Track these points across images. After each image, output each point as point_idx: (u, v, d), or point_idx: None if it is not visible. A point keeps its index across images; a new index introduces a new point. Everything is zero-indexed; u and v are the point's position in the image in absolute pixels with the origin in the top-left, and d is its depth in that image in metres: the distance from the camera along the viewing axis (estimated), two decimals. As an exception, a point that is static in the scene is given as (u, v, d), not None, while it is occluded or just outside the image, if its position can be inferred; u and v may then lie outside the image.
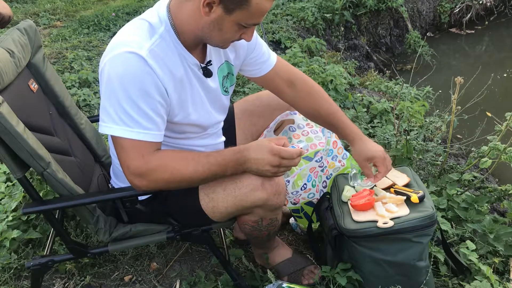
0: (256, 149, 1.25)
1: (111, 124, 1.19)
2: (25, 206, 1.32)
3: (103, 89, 1.19)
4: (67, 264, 1.78)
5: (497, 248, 1.71)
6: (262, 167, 1.25)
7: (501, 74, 4.83)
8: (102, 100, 1.20)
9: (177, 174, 1.23)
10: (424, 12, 6.08)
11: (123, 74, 1.16)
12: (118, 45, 1.19)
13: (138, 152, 1.20)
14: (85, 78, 3.48)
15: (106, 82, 1.18)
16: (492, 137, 1.98)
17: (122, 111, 1.17)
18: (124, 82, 1.16)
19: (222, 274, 1.71)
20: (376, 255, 1.41)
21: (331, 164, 1.73)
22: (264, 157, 1.24)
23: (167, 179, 1.23)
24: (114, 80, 1.16)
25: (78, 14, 5.32)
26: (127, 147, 1.20)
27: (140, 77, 1.17)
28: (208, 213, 1.37)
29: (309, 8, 4.92)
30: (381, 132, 2.49)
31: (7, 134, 1.18)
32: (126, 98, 1.16)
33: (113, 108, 1.18)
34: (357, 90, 3.52)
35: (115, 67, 1.16)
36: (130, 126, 1.19)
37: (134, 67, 1.16)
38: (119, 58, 1.16)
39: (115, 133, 1.19)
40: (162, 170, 1.22)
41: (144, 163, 1.21)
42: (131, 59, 1.16)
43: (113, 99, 1.17)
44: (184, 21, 1.23)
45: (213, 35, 1.23)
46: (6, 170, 2.21)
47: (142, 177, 1.22)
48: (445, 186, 2.00)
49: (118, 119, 1.18)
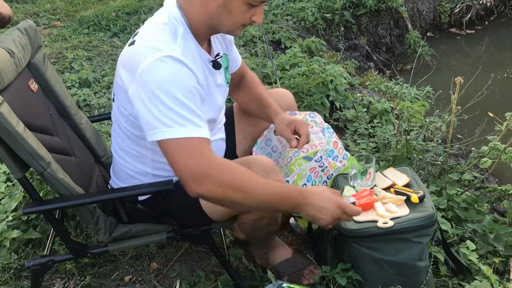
0: (321, 197, 1.23)
1: (163, 129, 1.14)
2: (25, 206, 1.32)
3: (145, 97, 1.14)
4: (67, 264, 1.78)
5: (497, 248, 1.71)
6: (322, 215, 1.23)
7: (501, 74, 4.83)
8: (146, 109, 1.15)
9: (237, 181, 1.15)
10: (424, 12, 6.08)
11: (166, 78, 1.14)
12: (149, 52, 1.16)
13: (197, 150, 1.14)
14: (85, 78, 3.48)
15: (148, 90, 1.14)
16: (492, 137, 1.98)
17: (173, 113, 1.13)
18: (168, 85, 1.13)
19: (222, 274, 1.70)
20: (376, 255, 1.41)
21: (332, 164, 1.73)
22: (329, 207, 1.22)
23: (227, 182, 1.14)
24: (157, 86, 1.13)
25: (78, 14, 5.32)
26: (185, 147, 1.14)
27: (183, 78, 1.16)
28: (208, 212, 1.37)
29: (309, 8, 4.91)
30: (381, 132, 2.49)
31: (7, 134, 1.18)
32: (174, 100, 1.13)
33: (162, 113, 1.13)
34: (357, 90, 3.51)
35: (155, 74, 1.14)
36: (183, 126, 1.14)
37: (174, 69, 1.15)
38: (157, 64, 1.14)
39: (170, 136, 1.13)
40: (223, 172, 1.15)
41: (206, 161, 1.14)
42: (170, 63, 1.15)
43: (160, 105, 1.13)
44: (195, 13, 1.23)
45: (223, 20, 1.22)
46: (6, 170, 2.21)
47: (204, 178, 1.13)
48: (445, 186, 2.00)
49: (170, 122, 1.13)
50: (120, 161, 1.46)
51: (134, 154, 1.41)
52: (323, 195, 1.24)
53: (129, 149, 1.41)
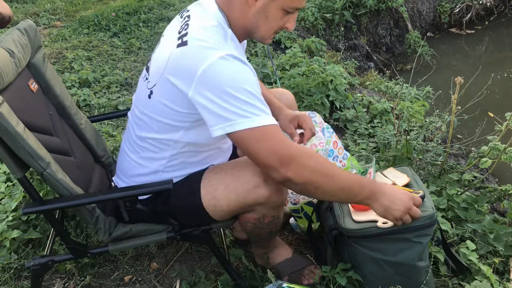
0: (392, 189, 1.31)
1: (239, 120, 1.16)
2: (25, 206, 1.32)
3: (212, 95, 1.16)
4: (67, 264, 1.79)
5: (497, 248, 1.71)
6: (396, 206, 1.28)
7: (501, 74, 4.83)
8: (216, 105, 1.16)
9: (322, 166, 1.21)
10: (424, 12, 6.08)
11: (232, 74, 1.16)
12: (207, 52, 1.18)
13: (278, 136, 1.18)
14: (85, 78, 3.48)
15: (215, 87, 1.16)
16: (492, 137, 1.98)
17: (246, 105, 1.16)
18: (236, 80, 1.16)
19: (222, 274, 1.71)
20: (376, 255, 1.41)
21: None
22: (402, 198, 1.29)
23: (313, 167, 1.19)
24: (225, 82, 1.15)
25: (78, 14, 5.32)
26: (265, 134, 1.17)
27: (247, 73, 1.20)
28: (209, 211, 1.37)
29: (309, 8, 4.92)
30: (381, 132, 2.49)
31: (7, 134, 1.18)
32: (244, 92, 1.16)
33: (235, 106, 1.15)
34: (357, 90, 3.51)
35: (220, 71, 1.16)
36: (259, 115, 1.16)
37: (237, 66, 1.19)
38: (220, 62, 1.16)
39: (249, 125, 1.15)
40: (307, 156, 1.20)
41: (289, 145, 1.18)
42: (232, 61, 1.18)
43: (231, 99, 1.15)
44: (235, 17, 1.28)
45: (260, 26, 1.28)
46: (6, 170, 2.21)
47: (291, 162, 1.17)
48: (445, 186, 2.00)
49: (246, 113, 1.15)
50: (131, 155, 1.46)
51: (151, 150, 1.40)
52: (393, 188, 1.31)
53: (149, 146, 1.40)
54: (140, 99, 1.40)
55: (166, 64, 1.26)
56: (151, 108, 1.34)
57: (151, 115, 1.35)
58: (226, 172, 1.36)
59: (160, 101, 1.30)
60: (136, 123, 1.42)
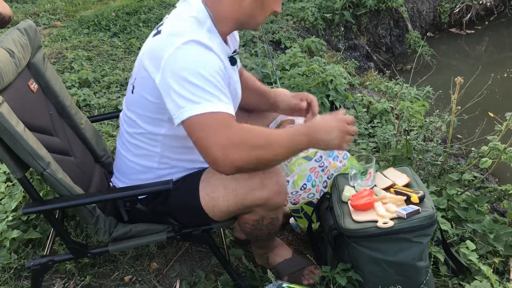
0: (322, 121, 1.31)
1: (190, 106, 1.15)
2: (25, 206, 1.32)
3: (172, 81, 1.17)
4: (67, 264, 1.78)
5: (497, 248, 1.71)
6: (332, 135, 1.29)
7: (501, 74, 4.83)
8: (173, 90, 1.17)
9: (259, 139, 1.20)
10: (424, 12, 6.08)
11: (195, 60, 1.17)
12: (173, 39, 1.19)
13: (226, 124, 1.16)
14: (85, 78, 3.48)
15: (175, 74, 1.17)
16: (492, 137, 1.98)
17: (201, 91, 1.16)
18: (197, 66, 1.17)
19: (222, 274, 1.70)
20: (376, 255, 1.41)
21: (333, 164, 1.73)
22: (334, 124, 1.30)
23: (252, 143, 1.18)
24: (183, 68, 1.16)
25: (78, 14, 5.32)
26: (213, 122, 1.15)
27: (208, 59, 1.20)
28: (208, 212, 1.37)
29: (309, 8, 4.91)
30: (381, 132, 2.49)
31: (7, 134, 1.18)
32: (201, 79, 1.16)
33: (190, 92, 1.16)
34: (357, 90, 3.51)
35: (180, 57, 1.17)
36: (211, 101, 1.16)
37: (199, 51, 1.19)
38: (183, 47, 1.18)
39: (198, 111, 1.14)
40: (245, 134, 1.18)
41: (234, 133, 1.16)
42: (194, 46, 1.19)
43: (188, 85, 1.16)
44: (224, 10, 1.29)
45: (256, 15, 1.31)
46: (6, 170, 2.21)
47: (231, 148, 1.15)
48: (445, 186, 2.00)
49: (198, 98, 1.15)
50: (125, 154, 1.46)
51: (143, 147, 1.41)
52: (322, 119, 1.33)
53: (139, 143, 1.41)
54: (127, 97, 1.44)
55: (142, 56, 1.30)
56: (135, 103, 1.36)
57: (136, 110, 1.36)
58: None
59: (140, 95, 1.32)
60: (126, 121, 1.44)
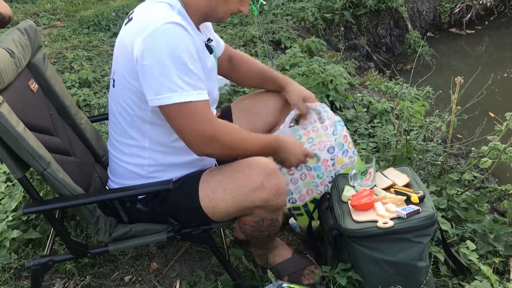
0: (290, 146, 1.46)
1: (168, 94, 1.19)
2: (25, 206, 1.32)
3: (149, 64, 1.18)
4: (67, 264, 1.79)
5: (497, 248, 1.71)
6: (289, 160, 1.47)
7: (501, 74, 4.83)
8: (151, 75, 1.19)
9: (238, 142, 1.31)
10: (424, 12, 6.08)
11: (170, 43, 1.18)
12: (148, 23, 1.20)
13: (204, 114, 1.23)
14: (85, 78, 3.48)
15: (153, 56, 1.18)
16: (492, 137, 1.98)
17: (178, 78, 1.18)
18: (173, 49, 1.18)
19: (222, 274, 1.70)
20: (376, 255, 1.41)
21: (340, 160, 1.71)
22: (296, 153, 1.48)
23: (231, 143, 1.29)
24: (163, 51, 1.17)
25: (78, 14, 5.33)
26: (192, 111, 1.21)
27: (186, 42, 1.21)
28: (208, 213, 1.37)
29: (309, 8, 4.91)
30: (381, 132, 2.49)
31: (7, 134, 1.18)
32: (179, 64, 1.18)
33: (168, 78, 1.18)
34: (357, 90, 3.51)
35: (159, 39, 1.18)
36: (188, 91, 1.20)
37: (178, 33, 1.20)
38: (160, 30, 1.18)
39: (176, 100, 1.19)
40: (228, 133, 1.28)
41: (213, 125, 1.25)
42: (172, 27, 1.19)
43: (165, 70, 1.18)
44: (192, 2, 1.32)
45: (219, 9, 1.34)
46: (6, 170, 2.21)
47: (212, 140, 1.25)
48: (445, 186, 2.00)
49: (176, 87, 1.18)
50: (117, 156, 1.47)
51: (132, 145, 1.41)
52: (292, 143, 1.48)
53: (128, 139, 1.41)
54: (110, 95, 1.46)
55: (117, 47, 1.33)
56: (117, 96, 1.38)
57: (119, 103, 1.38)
58: (224, 174, 1.36)
59: (122, 85, 1.33)
60: (111, 120, 1.46)
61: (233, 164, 1.40)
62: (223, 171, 1.38)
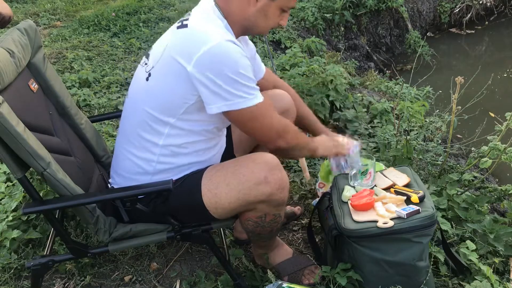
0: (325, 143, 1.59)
1: (235, 100, 1.28)
2: (25, 206, 1.32)
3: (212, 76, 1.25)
4: (67, 264, 1.79)
5: (497, 248, 1.71)
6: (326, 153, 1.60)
7: (501, 74, 4.83)
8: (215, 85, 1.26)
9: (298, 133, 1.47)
10: (424, 12, 6.08)
11: (231, 59, 1.26)
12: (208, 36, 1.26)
13: (271, 112, 1.37)
14: (85, 78, 3.48)
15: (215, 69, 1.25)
16: (492, 137, 1.98)
17: (241, 86, 1.28)
18: (234, 64, 1.26)
19: (222, 274, 1.71)
20: (376, 255, 1.41)
21: None
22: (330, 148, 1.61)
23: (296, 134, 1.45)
24: (224, 65, 1.25)
25: (78, 14, 5.32)
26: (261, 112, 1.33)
27: (243, 58, 1.29)
28: (210, 210, 1.37)
29: (309, 8, 4.92)
30: (381, 132, 2.49)
31: (7, 134, 1.18)
32: (240, 75, 1.27)
33: (231, 87, 1.27)
34: (357, 90, 3.51)
35: (221, 54, 1.25)
36: (252, 94, 1.31)
37: (236, 50, 1.27)
38: (221, 47, 1.25)
39: (243, 105, 1.29)
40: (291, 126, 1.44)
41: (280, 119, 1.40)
42: (231, 45, 1.27)
43: (228, 80, 1.26)
44: (232, 14, 1.38)
45: (259, 23, 1.40)
46: (6, 170, 2.21)
47: (285, 133, 1.40)
48: (445, 186, 1.99)
49: (243, 93, 1.29)
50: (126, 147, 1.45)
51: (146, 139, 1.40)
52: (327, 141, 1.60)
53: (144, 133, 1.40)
54: (136, 86, 1.44)
55: (166, 45, 1.34)
56: (150, 92, 1.36)
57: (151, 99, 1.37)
58: (227, 170, 1.36)
59: (158, 80, 1.34)
60: (129, 111, 1.45)
61: (235, 159, 1.41)
62: (226, 167, 1.38)
